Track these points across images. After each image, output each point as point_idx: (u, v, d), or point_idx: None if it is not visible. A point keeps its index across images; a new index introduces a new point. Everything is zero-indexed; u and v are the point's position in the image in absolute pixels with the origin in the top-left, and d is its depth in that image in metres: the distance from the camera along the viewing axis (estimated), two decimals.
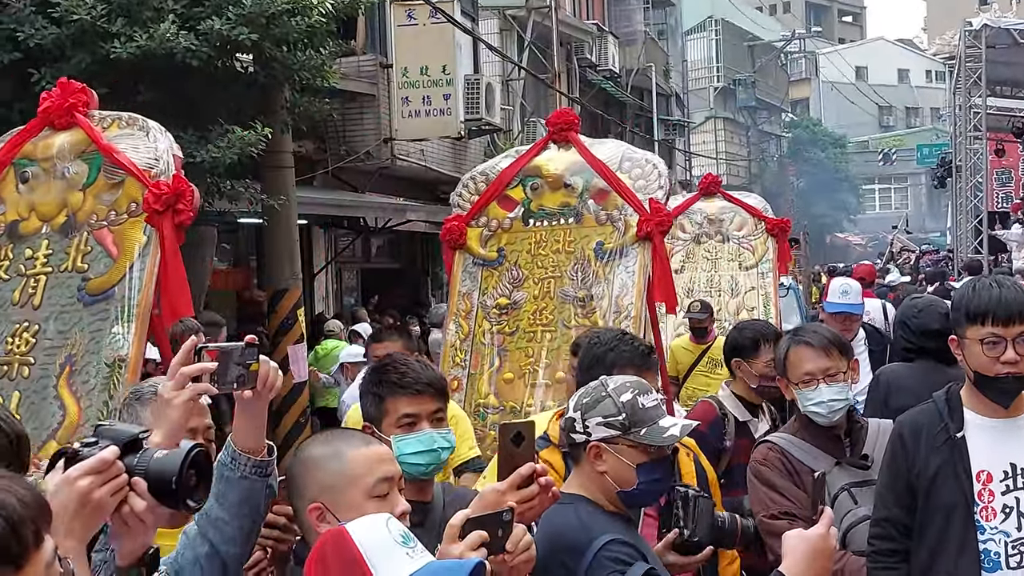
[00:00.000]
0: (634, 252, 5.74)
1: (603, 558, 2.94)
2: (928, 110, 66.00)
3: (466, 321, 6.02)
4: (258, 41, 9.18)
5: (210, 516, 2.68)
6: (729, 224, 10.04)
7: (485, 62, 20.30)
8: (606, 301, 5.63)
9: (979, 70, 20.30)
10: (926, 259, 29.28)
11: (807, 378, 4.12)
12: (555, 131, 6.30)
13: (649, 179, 5.82)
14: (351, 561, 2.03)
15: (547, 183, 6.12)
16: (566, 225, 6.04)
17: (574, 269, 5.82)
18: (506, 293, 5.98)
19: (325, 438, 2.78)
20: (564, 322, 5.73)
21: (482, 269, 6.14)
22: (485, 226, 6.25)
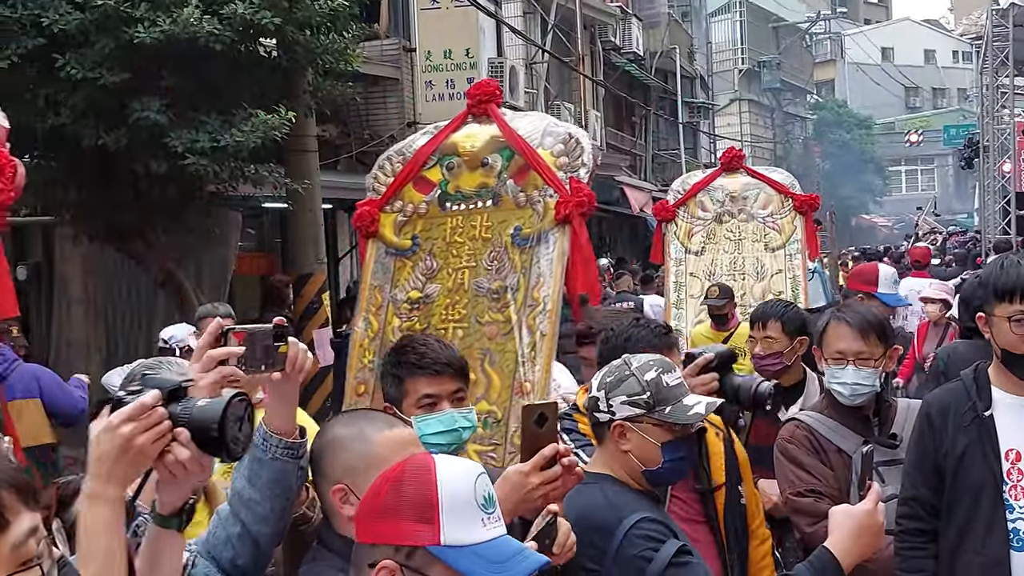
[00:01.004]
0: (554, 238, 5.17)
1: (634, 536, 2.94)
2: (955, 91, 65.50)
3: (376, 317, 5.43)
4: (281, 25, 9.17)
5: (242, 496, 2.68)
6: (753, 202, 9.29)
7: (508, 45, 20.27)
8: (521, 293, 5.08)
9: (1006, 49, 20.11)
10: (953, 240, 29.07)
11: (838, 356, 4.11)
12: (474, 104, 5.62)
13: (572, 155, 5.28)
14: (425, 502, 1.97)
15: (465, 162, 5.52)
16: (483, 209, 5.43)
17: (490, 258, 5.25)
18: (419, 286, 5.41)
19: (349, 419, 2.76)
20: (477, 317, 5.16)
21: (395, 259, 5.53)
22: (400, 211, 5.61)
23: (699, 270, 9.03)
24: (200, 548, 2.74)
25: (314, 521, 3.03)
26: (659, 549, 2.92)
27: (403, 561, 1.96)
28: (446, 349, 3.40)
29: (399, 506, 1.98)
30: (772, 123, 52.44)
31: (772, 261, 9.05)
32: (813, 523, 3.90)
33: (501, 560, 1.97)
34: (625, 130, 30.92)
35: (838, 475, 4.00)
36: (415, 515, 1.96)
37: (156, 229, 10.12)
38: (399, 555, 1.96)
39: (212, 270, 11.36)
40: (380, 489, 2.03)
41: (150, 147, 9.06)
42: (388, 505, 1.99)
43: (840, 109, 57.81)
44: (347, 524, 2.56)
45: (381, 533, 1.99)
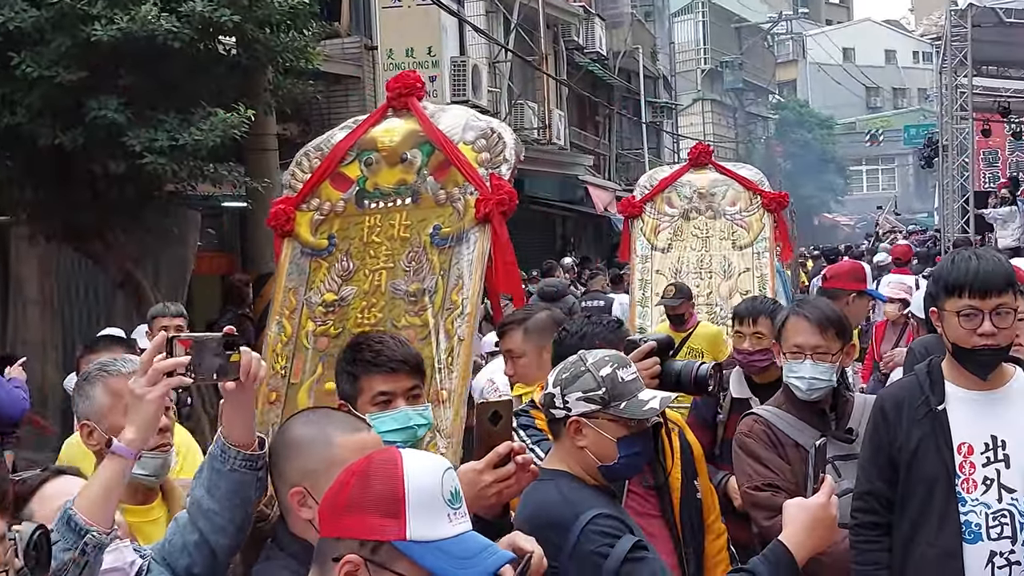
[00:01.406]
0: (474, 237, 4.93)
1: (590, 532, 2.94)
2: (915, 91, 66.02)
3: (290, 321, 5.14)
4: (240, 23, 9.13)
5: (201, 506, 2.65)
6: (721, 198, 9.04)
7: (471, 44, 20.26)
8: (440, 296, 4.84)
9: (965, 49, 20.28)
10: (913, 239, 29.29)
11: (796, 350, 4.15)
12: (393, 96, 5.35)
13: (494, 150, 5.03)
14: (391, 496, 1.95)
15: (384, 158, 5.26)
16: (402, 207, 5.16)
17: (409, 259, 5.00)
18: (334, 288, 5.14)
19: (310, 419, 2.71)
20: (393, 321, 4.90)
21: (311, 260, 5.25)
22: (316, 209, 5.33)
23: (665, 268, 8.87)
24: (155, 554, 2.71)
25: (271, 519, 3.01)
26: (615, 545, 2.92)
27: (368, 556, 1.94)
28: (401, 346, 3.39)
29: (365, 500, 1.96)
30: (735, 123, 52.70)
31: (740, 259, 8.86)
32: (770, 517, 3.92)
33: (467, 556, 1.96)
34: (589, 130, 30.98)
35: (795, 469, 4.02)
36: (381, 509, 1.94)
37: (114, 229, 10.04)
38: (364, 549, 1.94)
39: (171, 270, 11.28)
40: (346, 482, 2.01)
41: (108, 146, 9.00)
42: (354, 499, 1.97)
43: (802, 109, 58.16)
44: (303, 526, 2.55)
45: (346, 527, 1.97)
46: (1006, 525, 3.45)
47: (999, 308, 3.42)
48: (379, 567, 1.94)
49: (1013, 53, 23.08)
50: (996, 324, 3.41)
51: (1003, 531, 3.45)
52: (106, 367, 3.38)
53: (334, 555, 1.97)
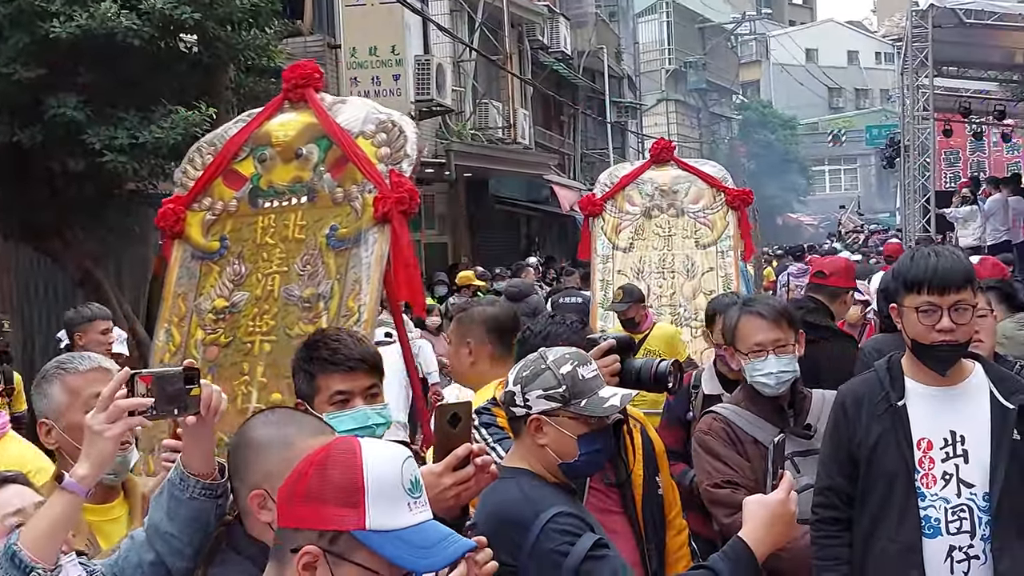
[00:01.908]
0: (373, 238, 4.64)
1: (550, 530, 2.92)
2: (877, 91, 66.48)
3: (179, 329, 4.82)
4: (201, 20, 9.07)
5: (159, 529, 2.63)
6: (684, 196, 8.80)
7: (435, 43, 20.23)
8: (335, 302, 4.57)
9: (926, 50, 20.41)
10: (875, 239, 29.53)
11: (757, 349, 4.14)
12: (289, 88, 5.03)
13: (394, 146, 4.74)
14: (350, 486, 1.93)
15: (278, 153, 4.94)
16: (297, 206, 4.84)
17: (303, 262, 4.71)
18: (225, 293, 4.81)
19: (270, 420, 2.66)
20: (286, 329, 4.63)
21: (201, 263, 4.92)
22: (208, 209, 4.98)
23: (627, 268, 8.70)
24: (106, 570, 2.68)
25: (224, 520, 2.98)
26: (575, 543, 2.91)
27: (326, 546, 1.92)
28: (359, 345, 3.35)
29: (323, 490, 1.94)
30: (699, 123, 52.94)
31: (703, 258, 8.64)
32: (730, 514, 3.93)
33: (427, 545, 1.94)
34: (553, 129, 31.01)
35: (755, 466, 4.03)
36: (340, 499, 1.92)
37: (73, 227, 9.96)
38: (322, 540, 1.93)
39: (132, 269, 11.19)
40: (304, 472, 1.99)
41: (67, 144, 8.93)
42: (312, 489, 1.95)
43: (765, 109, 58.49)
44: (262, 528, 2.52)
45: (304, 517, 1.95)
46: (965, 520, 3.47)
47: (957, 304, 3.44)
48: (338, 558, 1.92)
49: (973, 54, 23.29)
50: (955, 320, 3.43)
51: (962, 526, 3.47)
52: (64, 365, 3.35)
53: (292, 546, 1.95)
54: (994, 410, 3.53)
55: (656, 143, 9.42)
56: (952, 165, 30.79)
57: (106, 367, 3.37)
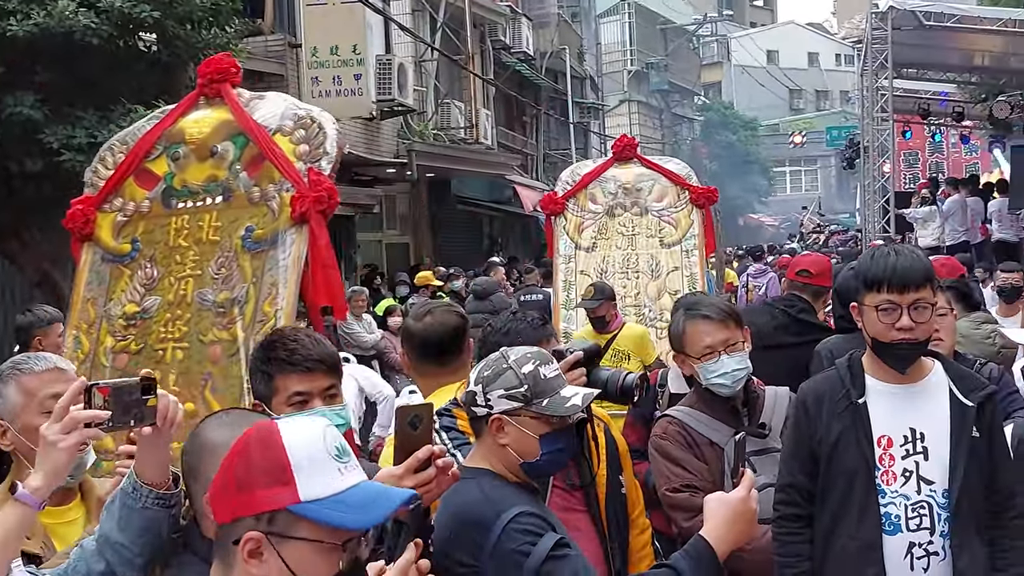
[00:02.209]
0: (290, 239, 4.44)
1: (512, 530, 2.91)
2: (837, 93, 66.96)
3: (88, 336, 4.60)
4: (160, 19, 9.03)
5: (110, 539, 2.60)
6: (648, 194, 8.62)
7: (397, 43, 20.18)
8: (251, 307, 4.37)
9: (885, 52, 20.54)
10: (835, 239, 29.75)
11: (708, 351, 4.11)
12: (205, 83, 4.83)
13: (313, 142, 4.58)
14: (276, 465, 1.95)
15: (193, 151, 4.72)
16: (212, 206, 4.62)
17: (218, 265, 4.50)
18: (136, 298, 4.59)
19: (226, 420, 2.65)
20: (200, 335, 4.43)
21: (112, 267, 4.69)
22: (120, 210, 4.76)
23: (590, 268, 8.54)
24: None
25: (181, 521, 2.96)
26: (537, 543, 2.90)
27: (266, 529, 1.94)
28: (318, 345, 3.31)
29: (251, 475, 1.96)
30: (661, 124, 53.11)
31: (668, 258, 8.47)
32: (690, 518, 3.94)
33: (365, 503, 1.97)
34: (516, 129, 31.02)
35: (712, 468, 4.05)
36: (269, 480, 1.94)
37: (31, 228, 9.86)
38: (261, 523, 1.94)
39: None
40: (229, 464, 2.01)
41: (24, 143, 8.84)
42: (240, 477, 1.97)
43: (726, 111, 58.76)
44: None
45: (239, 506, 1.97)
46: (924, 516, 3.49)
47: (917, 303, 3.46)
48: (280, 537, 1.94)
49: (932, 56, 23.47)
50: (914, 318, 3.46)
51: (922, 522, 3.49)
52: (19, 365, 3.30)
53: (233, 538, 1.96)
54: (953, 408, 3.55)
55: (619, 140, 9.20)
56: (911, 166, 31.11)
57: (62, 368, 3.33)
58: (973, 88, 26.34)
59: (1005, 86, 23.45)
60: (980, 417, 3.54)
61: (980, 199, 19.82)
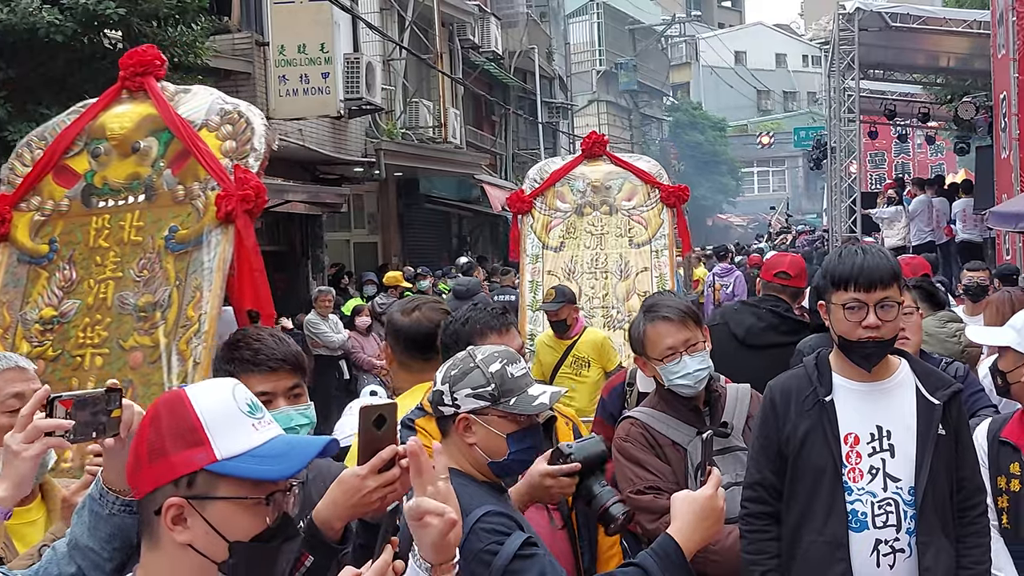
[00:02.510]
0: (216, 240, 4.27)
1: (480, 530, 2.89)
2: (805, 94, 67.39)
3: (2, 342, 4.38)
4: (126, 16, 8.98)
5: (79, 544, 2.57)
6: (617, 192, 8.43)
7: (365, 41, 20.10)
8: (174, 311, 4.17)
9: (852, 53, 20.68)
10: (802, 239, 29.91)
11: (670, 352, 4.10)
12: (127, 75, 4.63)
13: (240, 138, 4.39)
14: (187, 428, 1.93)
15: (114, 148, 4.52)
16: (135, 205, 4.42)
17: (140, 267, 4.30)
18: (54, 302, 4.39)
19: None
20: (120, 341, 4.24)
21: (29, 268, 4.49)
22: (37, 209, 4.57)
23: (558, 268, 8.34)
24: None
25: None
26: (504, 543, 2.89)
27: (185, 493, 1.92)
28: (281, 344, 3.29)
29: (163, 442, 1.94)
30: (630, 124, 53.19)
31: (637, 258, 8.26)
32: (654, 519, 3.95)
33: (284, 454, 1.96)
34: (485, 129, 31.00)
35: (675, 469, 4.05)
36: (183, 444, 1.93)
37: None
38: (180, 488, 1.93)
39: None
40: (141, 436, 1.99)
41: None
42: (153, 445, 1.95)
43: (695, 111, 58.95)
44: None
45: (155, 476, 1.95)
46: (891, 513, 3.51)
47: (884, 301, 3.48)
48: (201, 499, 1.92)
49: (898, 57, 23.66)
50: (881, 317, 3.47)
51: (888, 519, 3.50)
52: None
53: (154, 508, 1.94)
54: (920, 405, 3.57)
55: (588, 136, 9.02)
56: (877, 166, 31.33)
57: (23, 366, 3.30)
58: (939, 89, 26.55)
59: (970, 87, 23.64)
60: (946, 415, 3.56)
61: (946, 199, 19.98)
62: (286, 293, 17.94)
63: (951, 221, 19.26)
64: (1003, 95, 13.63)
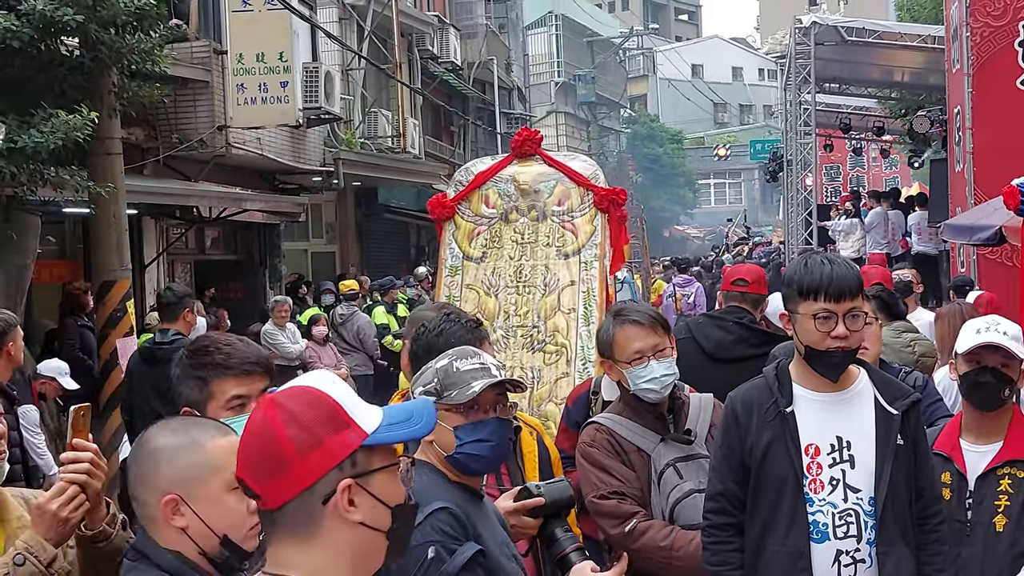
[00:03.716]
0: None
1: (427, 525, 2.91)
2: (761, 107, 67.91)
3: None
4: (83, 23, 8.90)
5: None
6: (547, 196, 7.37)
7: (324, 51, 20.06)
8: None
9: (808, 67, 20.85)
10: (758, 250, 30.08)
11: (637, 356, 4.12)
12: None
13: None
14: (331, 414, 1.98)
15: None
16: None
17: None
18: None
19: (171, 427, 2.62)
20: None
21: None
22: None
23: (478, 281, 7.29)
24: None
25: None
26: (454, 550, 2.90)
27: (350, 472, 1.98)
28: (251, 347, 3.30)
29: (313, 433, 1.97)
30: (588, 136, 53.35)
31: (564, 270, 7.18)
32: (616, 524, 3.97)
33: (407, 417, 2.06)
34: (444, 139, 30.99)
35: (639, 475, 4.07)
36: (332, 428, 1.98)
37: None
38: (344, 471, 1.98)
39: (9, 278, 10.82)
40: (275, 439, 1.98)
41: None
42: (301, 442, 1.97)
43: (653, 123, 59.21)
44: (176, 536, 2.48)
45: (312, 469, 1.97)
46: (852, 524, 3.53)
47: (851, 311, 3.51)
48: (364, 475, 1.99)
49: (854, 71, 23.88)
50: (849, 327, 3.50)
51: (849, 530, 3.52)
52: None
53: (321, 498, 1.97)
54: (879, 415, 3.59)
55: (519, 132, 7.85)
56: (833, 179, 31.61)
57: None
58: (893, 103, 26.82)
59: (924, 101, 23.91)
60: (905, 425, 3.58)
61: (901, 212, 20.17)
62: (243, 303, 17.84)
63: (907, 234, 19.45)
64: (957, 109, 13.78)
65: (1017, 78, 12.48)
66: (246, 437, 2.04)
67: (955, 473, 4.06)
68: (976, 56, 12.72)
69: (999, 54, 12.60)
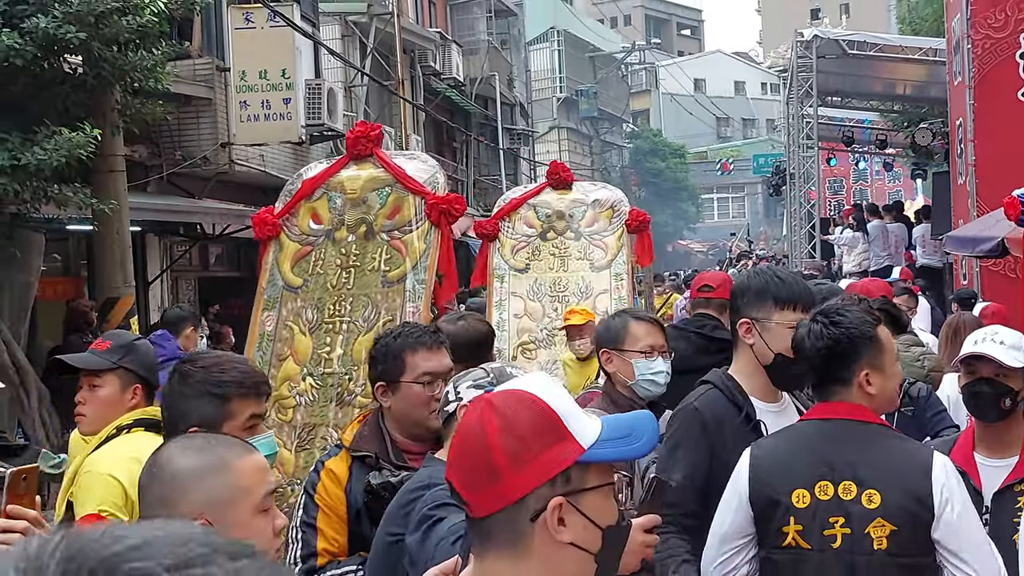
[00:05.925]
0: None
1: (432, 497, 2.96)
2: (764, 121, 67.96)
3: None
4: (86, 41, 8.92)
5: None
6: (580, 220, 8.65)
7: (327, 68, 20.10)
8: None
9: (810, 80, 20.91)
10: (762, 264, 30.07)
11: (649, 349, 4.25)
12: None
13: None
14: (548, 425, 1.85)
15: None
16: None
17: None
18: None
19: (194, 446, 2.41)
20: None
21: None
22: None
23: (522, 289, 8.52)
24: None
25: None
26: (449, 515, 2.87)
27: (562, 490, 1.85)
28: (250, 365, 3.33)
29: (528, 445, 1.85)
30: (590, 151, 53.39)
31: (598, 280, 8.38)
32: None
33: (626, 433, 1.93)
34: (446, 155, 31.01)
35: None
36: (549, 441, 1.85)
37: None
38: (556, 488, 1.85)
39: (13, 296, 10.85)
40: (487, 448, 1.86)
41: None
42: (515, 452, 1.84)
43: (655, 138, 59.26)
44: None
45: (523, 482, 1.84)
46: None
47: None
48: (576, 494, 1.86)
49: (856, 84, 23.93)
50: None
51: None
52: None
53: (530, 515, 1.85)
54: None
55: (551, 166, 9.18)
56: (836, 193, 31.63)
57: None
58: (896, 116, 26.86)
59: (927, 114, 23.94)
60: None
61: (903, 225, 20.18)
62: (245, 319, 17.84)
63: (911, 246, 19.46)
64: (959, 122, 13.79)
65: (1018, 90, 12.50)
66: (458, 439, 1.94)
67: (970, 490, 4.02)
68: (977, 68, 12.75)
69: (1000, 66, 12.62)
